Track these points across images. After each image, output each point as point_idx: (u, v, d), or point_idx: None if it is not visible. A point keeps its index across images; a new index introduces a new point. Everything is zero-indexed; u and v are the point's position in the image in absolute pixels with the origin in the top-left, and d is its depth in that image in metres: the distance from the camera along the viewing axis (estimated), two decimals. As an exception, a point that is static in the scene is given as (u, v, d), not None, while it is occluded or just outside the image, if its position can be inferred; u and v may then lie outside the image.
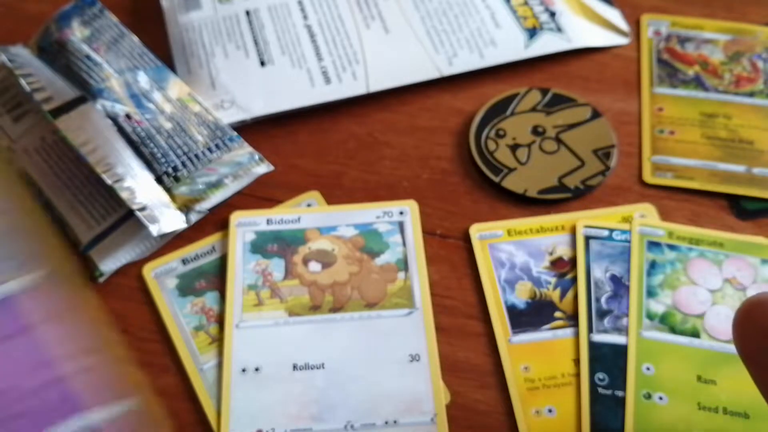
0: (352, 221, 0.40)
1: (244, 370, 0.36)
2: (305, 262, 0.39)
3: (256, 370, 0.36)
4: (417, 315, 0.37)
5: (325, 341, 0.37)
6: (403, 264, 0.39)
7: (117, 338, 0.36)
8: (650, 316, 0.37)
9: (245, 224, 0.40)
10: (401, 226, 0.40)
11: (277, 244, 0.40)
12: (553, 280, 0.38)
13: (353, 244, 0.39)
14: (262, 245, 0.40)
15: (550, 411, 0.35)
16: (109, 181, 0.38)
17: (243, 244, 0.39)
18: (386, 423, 0.34)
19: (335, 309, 0.38)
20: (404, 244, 0.39)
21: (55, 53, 0.44)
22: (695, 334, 0.36)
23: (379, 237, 0.40)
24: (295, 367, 0.36)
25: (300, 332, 0.37)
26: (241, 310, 0.38)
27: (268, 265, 0.39)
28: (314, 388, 0.35)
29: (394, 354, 0.36)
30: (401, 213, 0.40)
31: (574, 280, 0.38)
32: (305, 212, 0.41)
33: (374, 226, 0.40)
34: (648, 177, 0.42)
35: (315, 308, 0.38)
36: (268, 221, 0.40)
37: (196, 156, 0.41)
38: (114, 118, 0.41)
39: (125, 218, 0.40)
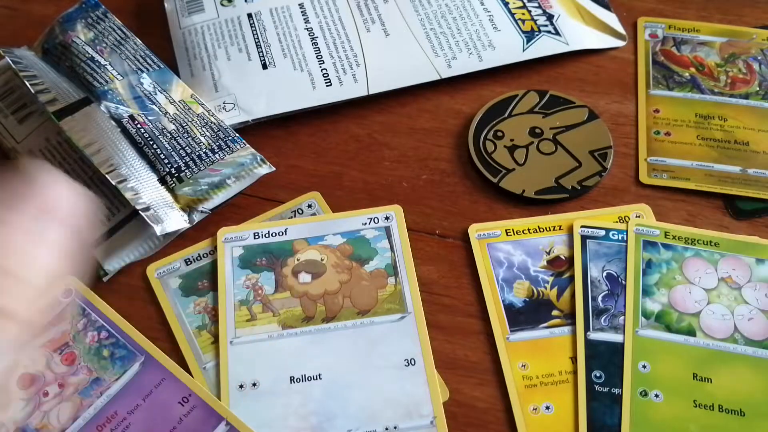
0: (339, 229, 0.41)
1: (241, 386, 0.36)
2: (295, 273, 0.39)
3: (254, 385, 0.36)
4: (409, 319, 0.38)
5: (321, 352, 0.37)
6: (393, 269, 0.39)
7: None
8: (646, 315, 0.37)
9: (232, 239, 0.40)
10: (388, 231, 0.40)
11: (266, 258, 0.40)
12: (550, 279, 0.39)
13: (341, 252, 0.40)
14: (250, 259, 0.40)
15: (547, 408, 0.35)
16: (113, 182, 0.38)
17: (231, 260, 0.40)
18: (386, 429, 0.35)
19: (328, 319, 0.38)
20: (392, 249, 0.40)
21: (60, 55, 0.44)
22: (691, 332, 0.37)
23: (367, 243, 0.40)
24: (292, 379, 0.36)
25: (295, 344, 0.37)
26: (234, 326, 0.38)
27: (258, 279, 0.39)
28: (313, 400, 0.35)
29: (390, 360, 0.36)
30: (387, 218, 0.41)
31: (571, 279, 0.39)
32: (291, 224, 0.41)
33: (361, 232, 0.40)
34: (644, 177, 0.43)
35: (308, 319, 0.38)
36: (255, 235, 0.40)
37: (199, 157, 0.41)
38: (118, 120, 0.41)
39: (129, 218, 0.40)
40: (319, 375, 0.36)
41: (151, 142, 0.41)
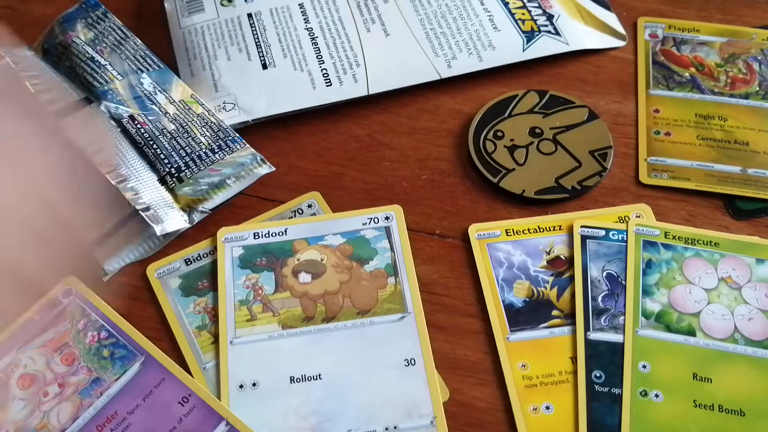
0: (339, 229, 0.41)
1: (241, 386, 0.36)
2: (295, 273, 0.39)
3: (254, 385, 0.36)
4: (409, 319, 0.38)
5: (321, 352, 0.37)
6: (393, 269, 0.39)
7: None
8: (646, 315, 0.37)
9: (233, 239, 0.40)
10: (388, 231, 0.40)
11: (266, 258, 0.40)
12: (550, 279, 0.39)
13: (341, 252, 0.40)
14: (250, 259, 0.40)
15: (547, 408, 0.35)
16: (113, 182, 0.38)
17: (231, 260, 0.40)
18: (386, 429, 0.35)
19: (328, 319, 0.38)
20: (392, 249, 0.40)
21: (60, 55, 0.44)
22: (691, 332, 0.37)
23: (367, 243, 0.40)
24: (292, 379, 0.36)
25: (295, 344, 0.37)
26: (234, 326, 0.38)
27: (258, 279, 0.39)
28: (313, 400, 0.35)
29: (390, 359, 0.36)
30: (387, 218, 0.41)
31: (571, 279, 0.39)
32: (291, 224, 0.41)
33: (361, 232, 0.40)
34: (644, 177, 0.43)
35: (308, 319, 0.38)
36: (255, 235, 0.40)
37: (199, 157, 0.41)
38: (118, 120, 0.41)
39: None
40: (319, 375, 0.36)
41: (151, 142, 0.41)
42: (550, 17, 0.48)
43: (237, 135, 0.43)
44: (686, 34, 0.49)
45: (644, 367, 0.36)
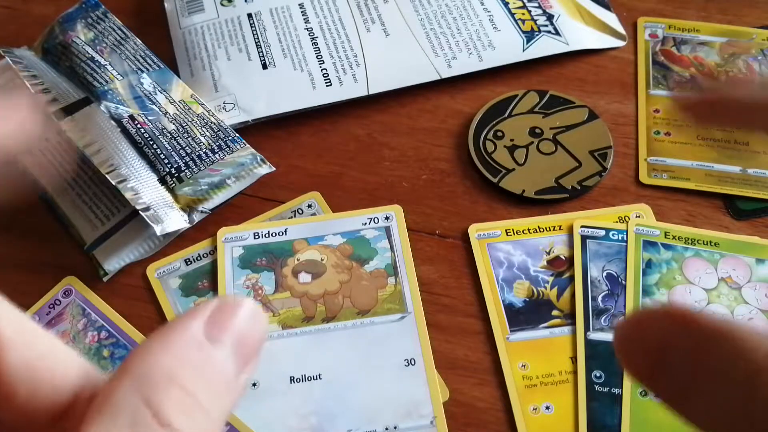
0: (339, 229, 0.41)
1: None
2: (295, 273, 0.39)
3: (254, 385, 0.36)
4: (409, 319, 0.38)
5: (321, 352, 0.37)
6: (393, 269, 0.39)
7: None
8: (646, 315, 0.37)
9: (232, 239, 0.40)
10: (388, 231, 0.40)
11: (266, 258, 0.40)
12: (550, 279, 0.39)
13: (341, 252, 0.40)
14: (250, 259, 0.40)
15: (547, 408, 0.35)
16: (113, 182, 0.38)
17: (231, 260, 0.40)
18: (386, 429, 0.35)
19: (328, 319, 0.38)
20: (392, 249, 0.40)
21: (60, 55, 0.44)
22: (691, 332, 0.37)
23: (367, 243, 0.40)
24: (292, 379, 0.36)
25: (295, 344, 0.37)
26: None
27: (258, 279, 0.39)
28: (313, 400, 0.35)
29: (390, 360, 0.36)
30: (387, 218, 0.41)
31: (571, 279, 0.39)
32: (291, 224, 0.41)
33: (361, 232, 0.40)
34: (644, 177, 0.43)
35: (308, 319, 0.38)
36: (255, 235, 0.40)
37: (199, 157, 0.41)
38: (118, 120, 0.41)
39: (129, 218, 0.40)
40: (319, 375, 0.36)
41: (151, 142, 0.41)
42: (550, 17, 0.48)
43: (237, 135, 0.43)
44: (686, 34, 0.49)
45: (644, 367, 0.36)
